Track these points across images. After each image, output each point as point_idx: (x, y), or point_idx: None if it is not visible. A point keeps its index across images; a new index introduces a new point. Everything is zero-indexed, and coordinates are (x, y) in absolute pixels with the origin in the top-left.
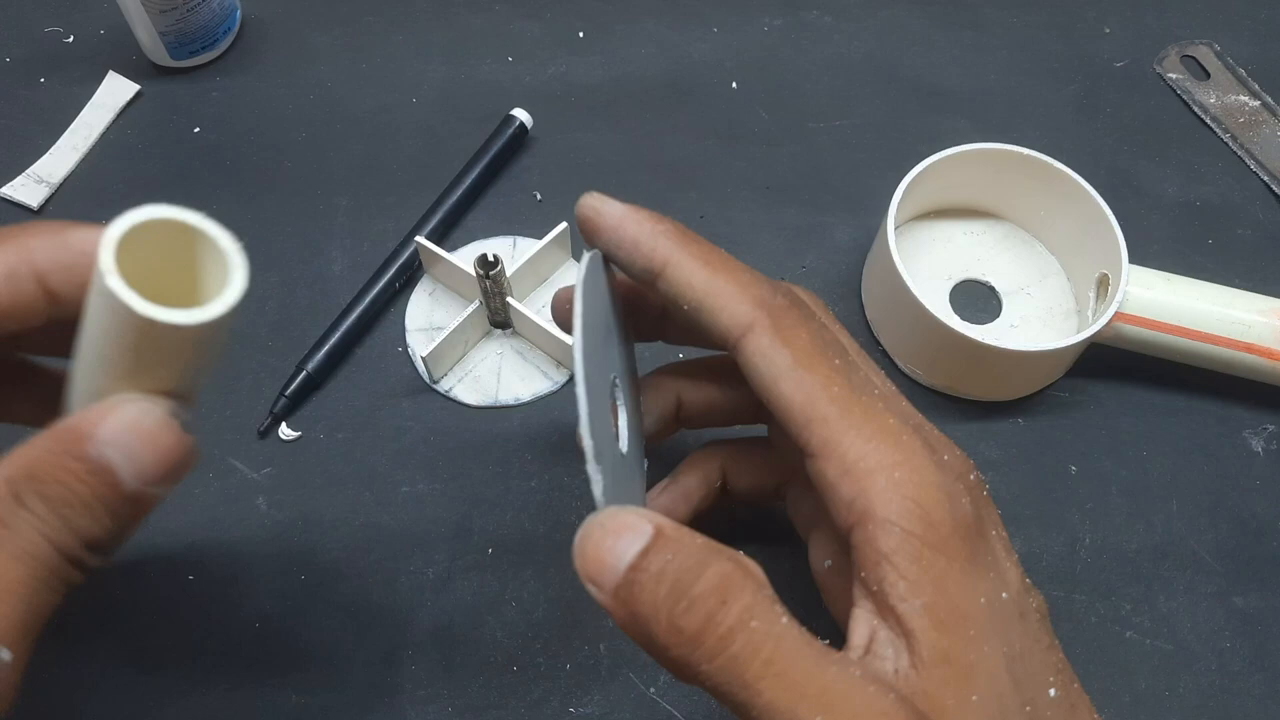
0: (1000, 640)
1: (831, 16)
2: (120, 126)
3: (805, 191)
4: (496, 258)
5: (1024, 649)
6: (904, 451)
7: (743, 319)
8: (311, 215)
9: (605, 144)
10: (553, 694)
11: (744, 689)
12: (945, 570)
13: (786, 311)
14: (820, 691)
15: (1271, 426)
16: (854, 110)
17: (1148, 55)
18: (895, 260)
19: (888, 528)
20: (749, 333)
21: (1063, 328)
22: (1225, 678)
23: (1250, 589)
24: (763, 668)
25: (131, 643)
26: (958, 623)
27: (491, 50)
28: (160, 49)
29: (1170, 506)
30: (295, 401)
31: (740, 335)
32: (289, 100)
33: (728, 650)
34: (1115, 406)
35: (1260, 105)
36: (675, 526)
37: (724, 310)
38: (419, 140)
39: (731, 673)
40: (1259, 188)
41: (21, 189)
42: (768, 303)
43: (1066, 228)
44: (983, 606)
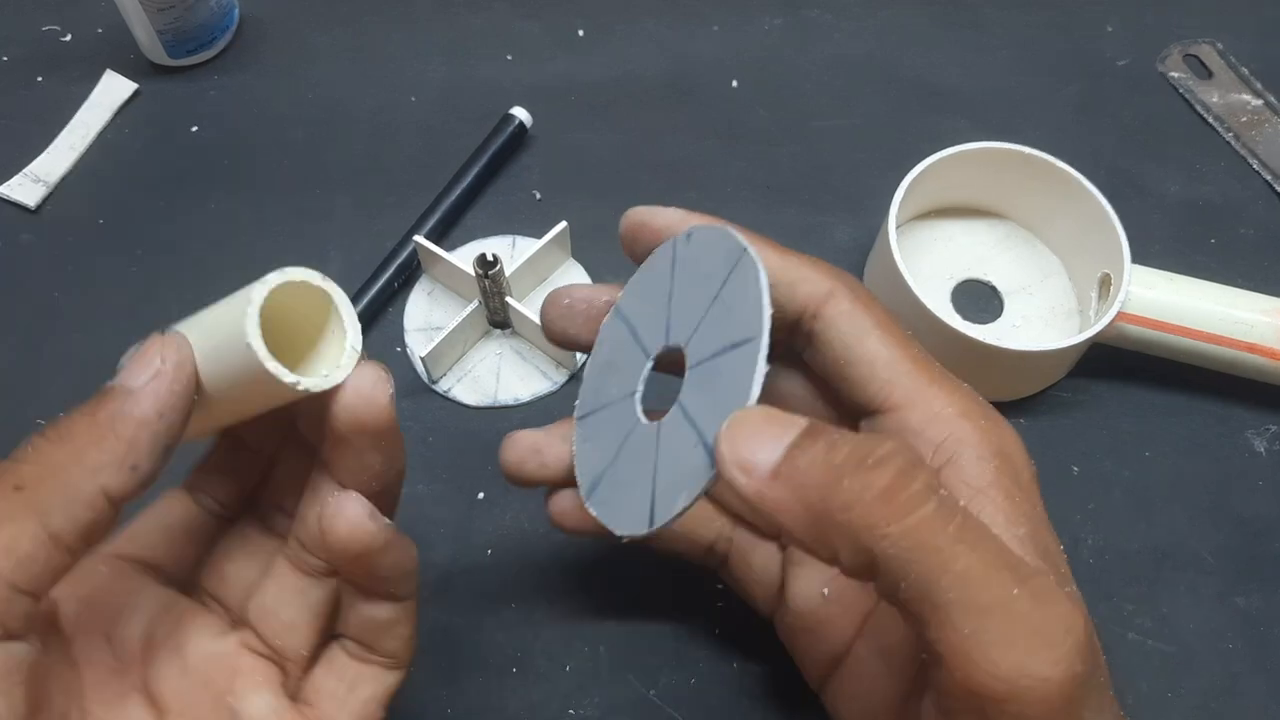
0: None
1: (832, 15)
2: (118, 125)
3: (806, 191)
4: (495, 257)
5: None
6: (981, 407)
7: (823, 286)
8: (310, 215)
9: (605, 143)
10: (553, 695)
11: (936, 553)
12: (1034, 509)
13: (859, 285)
14: (1012, 563)
15: (1274, 427)
16: (855, 110)
17: (1150, 54)
18: (897, 260)
19: (982, 464)
20: (830, 299)
21: (1064, 328)
22: (1227, 679)
23: (1252, 590)
24: (958, 531)
25: None
26: (1053, 556)
27: (491, 49)
28: (158, 48)
29: (1172, 507)
30: None
31: (822, 301)
32: (287, 99)
33: (920, 510)
34: (1117, 407)
35: (1263, 104)
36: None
37: (806, 280)
38: (418, 140)
39: (922, 535)
40: (1261, 187)
41: (19, 188)
42: (841, 276)
43: (1068, 227)
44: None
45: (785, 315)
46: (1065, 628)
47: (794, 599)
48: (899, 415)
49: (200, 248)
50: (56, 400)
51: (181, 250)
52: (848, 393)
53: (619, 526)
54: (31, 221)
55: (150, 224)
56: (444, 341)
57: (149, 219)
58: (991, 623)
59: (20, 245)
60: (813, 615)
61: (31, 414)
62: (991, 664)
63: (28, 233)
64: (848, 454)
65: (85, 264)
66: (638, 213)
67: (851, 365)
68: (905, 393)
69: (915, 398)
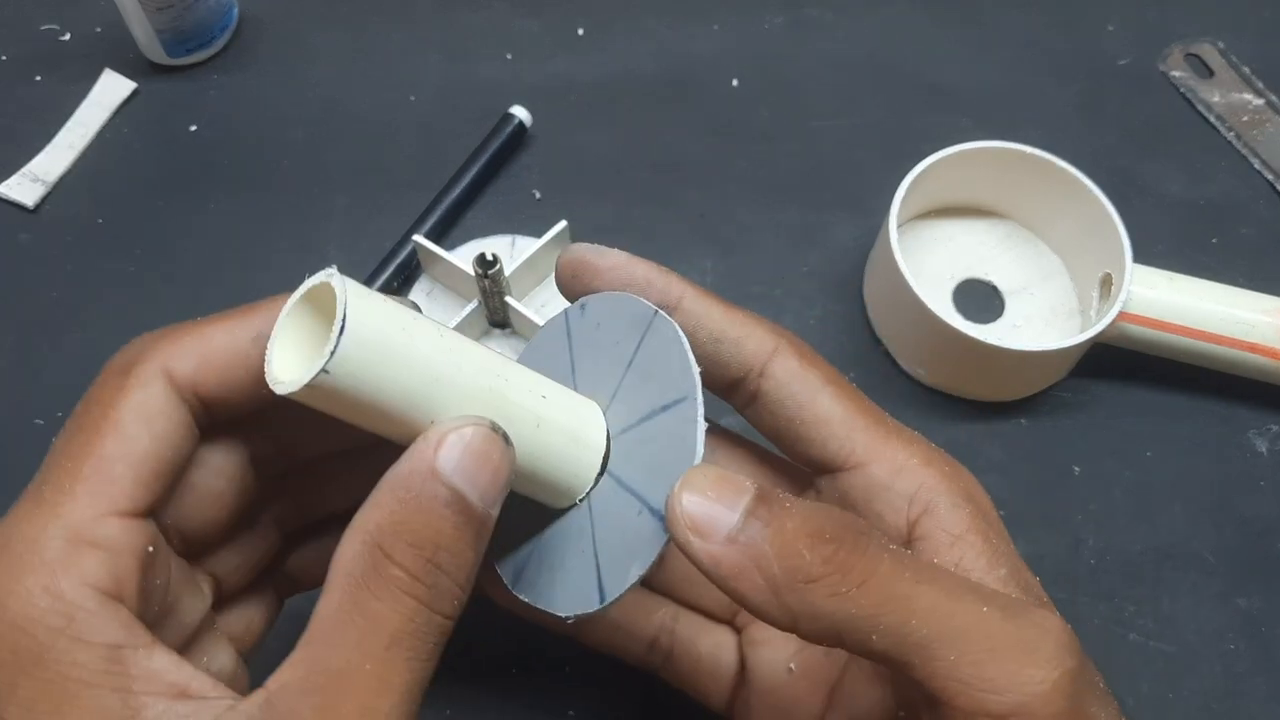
0: None
1: (833, 14)
2: (116, 125)
3: (806, 190)
4: (495, 257)
5: None
6: (940, 454)
7: (769, 343)
8: (309, 214)
9: (605, 142)
10: (553, 695)
11: (899, 600)
12: (1008, 547)
13: (799, 341)
14: (973, 588)
15: (1276, 427)
16: (855, 108)
17: (1151, 53)
18: (897, 259)
19: (957, 510)
20: (777, 355)
21: (1066, 328)
22: (1229, 680)
23: (1254, 590)
24: (915, 574)
25: None
26: (1034, 595)
27: (491, 48)
28: (157, 47)
29: (1174, 507)
30: None
31: (768, 359)
32: (286, 98)
33: (880, 569)
34: (1119, 407)
35: (1264, 103)
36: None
37: (749, 337)
38: (417, 139)
39: (886, 589)
40: (1263, 186)
41: (17, 188)
42: (783, 333)
43: (1069, 227)
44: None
45: (729, 373)
46: (1044, 630)
47: (758, 680)
48: (864, 471)
49: (199, 247)
50: (56, 400)
51: (180, 250)
52: (803, 451)
53: (562, 608)
54: (30, 221)
55: (149, 223)
56: None
57: (148, 218)
58: (973, 643)
59: (19, 245)
60: (779, 694)
61: (31, 414)
62: (988, 682)
63: (26, 232)
64: (802, 524)
65: (84, 263)
66: (580, 250)
67: (806, 425)
68: (866, 449)
69: (877, 453)
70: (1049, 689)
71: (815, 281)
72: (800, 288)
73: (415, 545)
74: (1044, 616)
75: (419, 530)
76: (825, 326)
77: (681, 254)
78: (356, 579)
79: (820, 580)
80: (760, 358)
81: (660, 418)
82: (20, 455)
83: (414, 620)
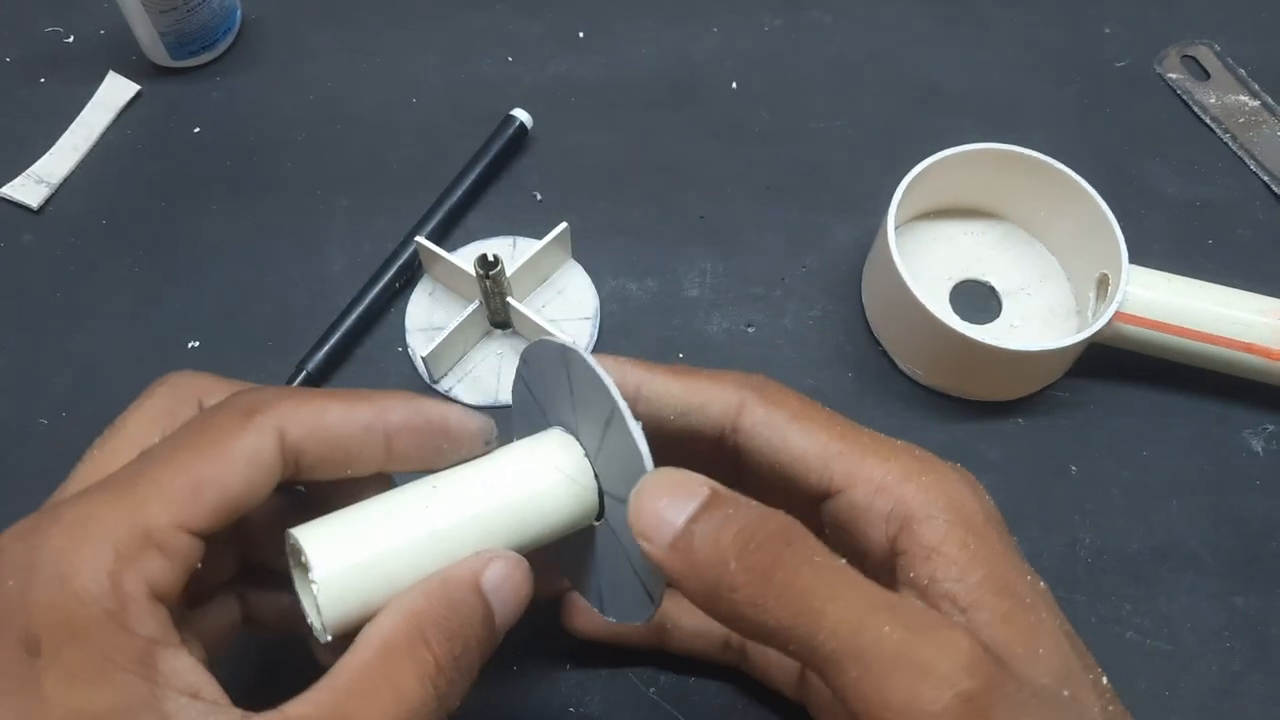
0: (1053, 613)
1: (832, 16)
2: (120, 126)
3: (806, 191)
4: (496, 258)
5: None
6: (921, 462)
7: (732, 400)
8: (311, 215)
9: (605, 144)
10: (553, 695)
11: (811, 614)
12: (991, 550)
13: (767, 384)
14: (888, 605)
15: (1271, 426)
16: (855, 110)
17: (1148, 55)
18: (895, 260)
19: (930, 523)
20: (742, 410)
21: (1063, 328)
22: (1226, 679)
23: (1250, 589)
24: (829, 590)
25: None
26: (1014, 591)
27: (491, 50)
28: (160, 49)
29: (1170, 507)
30: None
31: (736, 415)
32: (289, 100)
33: (796, 582)
34: (1115, 407)
35: (1260, 105)
36: (725, 488)
37: (713, 401)
38: (418, 140)
39: (799, 603)
40: (1259, 188)
41: (21, 189)
42: (748, 383)
43: (1067, 228)
44: (1030, 583)
45: (707, 436)
46: (944, 652)
47: (812, 677)
48: (845, 496)
49: (202, 248)
50: (57, 400)
51: (183, 251)
52: (793, 487)
53: (633, 618)
54: (34, 222)
55: (152, 225)
56: (445, 342)
57: (151, 220)
58: (872, 663)
59: (22, 246)
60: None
61: (31, 414)
62: (885, 701)
63: (30, 233)
64: (735, 534)
65: (87, 264)
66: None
67: (784, 465)
68: (843, 475)
69: (853, 476)
70: (940, 710)
71: (814, 282)
72: (799, 288)
73: (449, 639)
74: (950, 637)
75: (455, 629)
76: (824, 327)
77: (681, 254)
78: (393, 649)
79: (741, 589)
80: (728, 416)
81: (609, 435)
82: (22, 455)
83: (428, 704)
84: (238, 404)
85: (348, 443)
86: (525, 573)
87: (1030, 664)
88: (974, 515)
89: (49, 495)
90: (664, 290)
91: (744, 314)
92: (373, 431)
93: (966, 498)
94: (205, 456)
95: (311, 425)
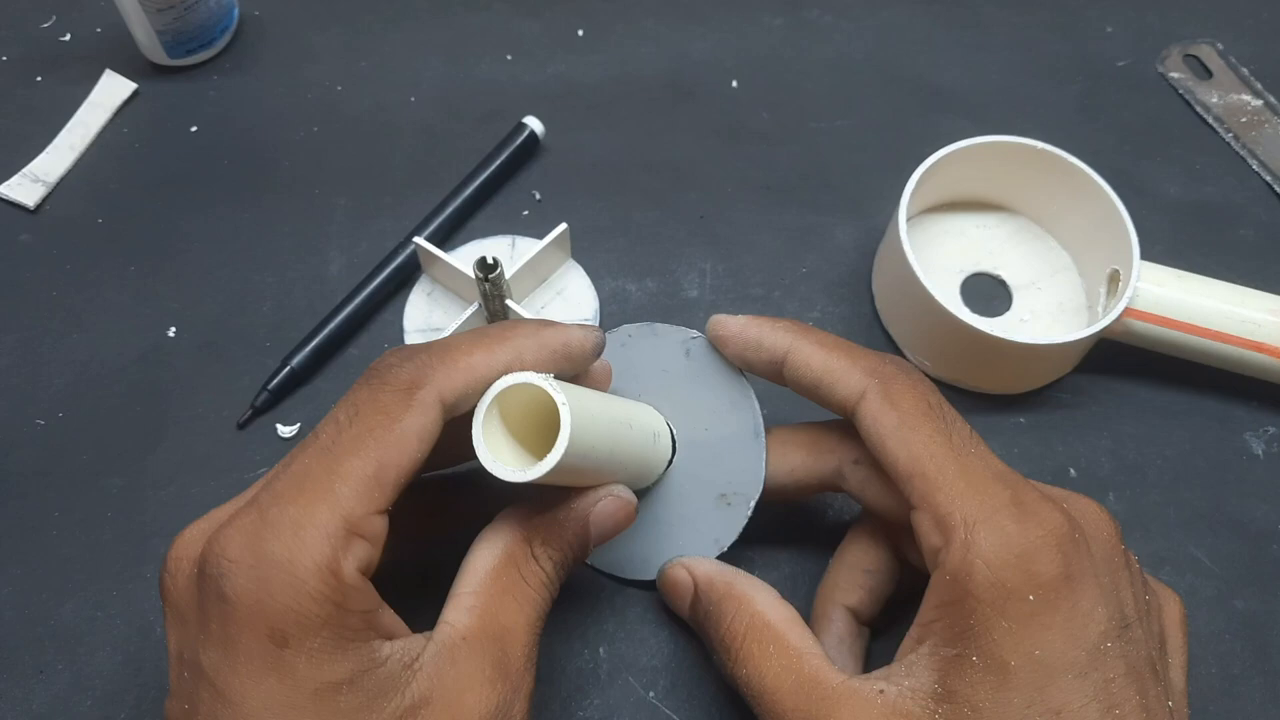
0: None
1: (832, 16)
2: (117, 125)
3: (806, 191)
4: (495, 260)
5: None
6: (987, 509)
7: (856, 387)
8: (309, 215)
9: (605, 144)
10: (552, 698)
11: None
12: (987, 627)
13: (895, 377)
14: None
15: (1272, 429)
16: (855, 110)
17: (1150, 55)
18: (906, 252)
19: (951, 585)
20: (863, 399)
21: (1073, 323)
22: (1225, 681)
23: (1250, 592)
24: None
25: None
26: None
27: (490, 50)
28: (157, 48)
29: (1170, 510)
30: (278, 396)
31: (856, 402)
32: (287, 99)
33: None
34: (1116, 409)
35: (1263, 105)
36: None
37: (839, 383)
38: (417, 140)
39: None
40: (1261, 188)
41: (18, 188)
42: (878, 371)
43: (1079, 223)
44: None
45: (833, 409)
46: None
47: None
48: (916, 516)
49: (199, 248)
50: (56, 399)
51: (181, 250)
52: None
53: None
54: (30, 221)
55: (149, 224)
56: None
57: (148, 219)
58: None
59: (19, 245)
60: None
61: (31, 414)
62: None
63: (27, 233)
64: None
65: (84, 264)
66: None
67: (882, 463)
68: (919, 496)
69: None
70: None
71: (814, 283)
72: (799, 289)
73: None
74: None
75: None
76: (824, 328)
77: (681, 255)
78: (514, 555)
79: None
80: (850, 400)
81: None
82: (22, 455)
83: (542, 605)
84: (398, 381)
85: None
86: (625, 507)
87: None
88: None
89: (49, 495)
90: (663, 291)
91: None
92: (512, 369)
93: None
94: (382, 444)
95: (464, 383)
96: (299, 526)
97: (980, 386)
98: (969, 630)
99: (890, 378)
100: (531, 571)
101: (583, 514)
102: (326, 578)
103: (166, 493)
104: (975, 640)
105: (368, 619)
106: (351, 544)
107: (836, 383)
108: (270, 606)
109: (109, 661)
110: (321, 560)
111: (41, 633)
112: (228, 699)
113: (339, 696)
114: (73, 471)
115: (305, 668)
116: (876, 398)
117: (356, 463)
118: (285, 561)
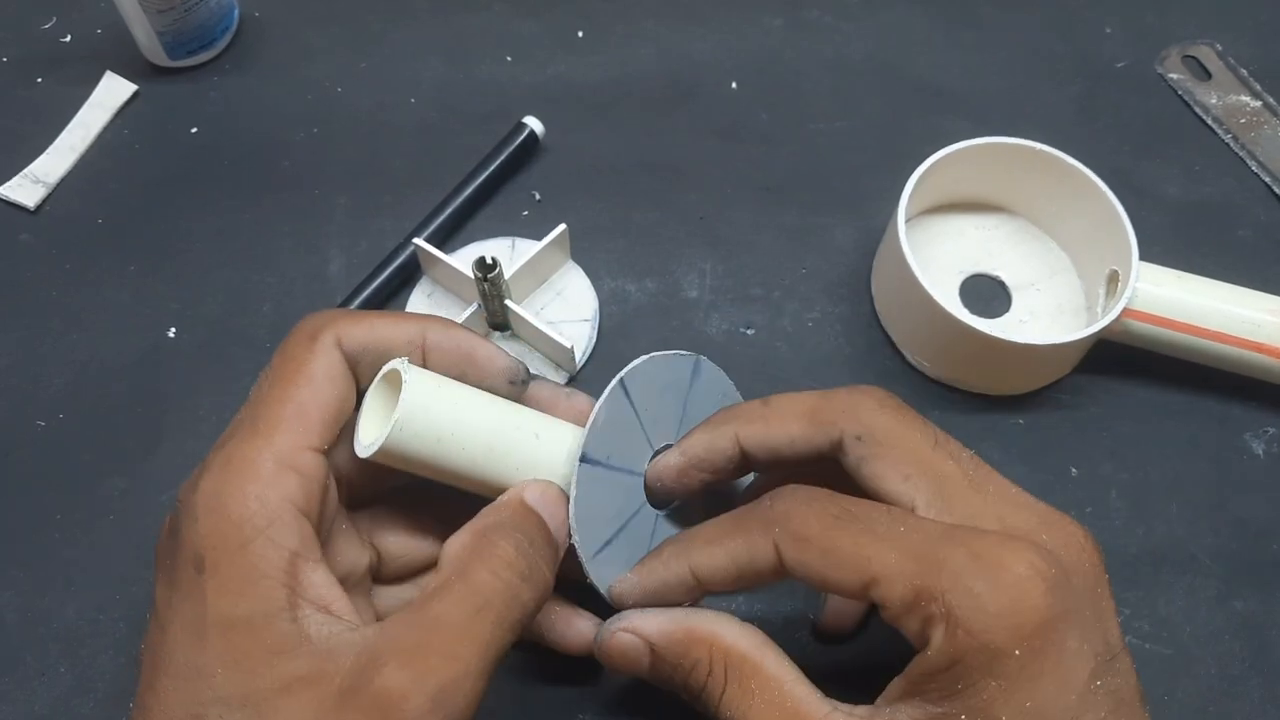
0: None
1: (832, 17)
2: (117, 126)
3: (805, 192)
4: (495, 261)
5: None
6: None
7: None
8: (309, 215)
9: (605, 144)
10: (553, 697)
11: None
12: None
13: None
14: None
15: (1272, 429)
16: (854, 111)
17: (1149, 55)
18: (905, 252)
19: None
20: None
21: (1072, 324)
22: (1225, 681)
23: (1250, 592)
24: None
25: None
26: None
27: (490, 50)
28: (158, 49)
29: (1170, 509)
30: None
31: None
32: (287, 100)
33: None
34: (1117, 408)
35: (1262, 105)
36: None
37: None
38: (417, 140)
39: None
40: (1260, 188)
41: (18, 189)
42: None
43: (1078, 224)
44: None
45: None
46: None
47: None
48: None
49: (200, 248)
50: (56, 400)
51: (181, 251)
52: None
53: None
54: (31, 222)
55: (149, 225)
56: None
57: (148, 220)
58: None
59: (20, 245)
60: None
61: (33, 415)
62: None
63: (27, 233)
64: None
65: (84, 264)
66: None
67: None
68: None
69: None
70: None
71: (813, 283)
72: (799, 289)
73: (513, 535)
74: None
75: (517, 527)
76: (823, 328)
77: (680, 256)
78: (463, 558)
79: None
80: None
81: None
82: (21, 455)
83: (508, 590)
84: (301, 332)
85: (394, 352)
86: (558, 492)
87: None
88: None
89: (48, 495)
90: (663, 291)
91: (743, 315)
92: (413, 345)
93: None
94: (294, 384)
95: (364, 337)
96: (225, 462)
97: (980, 387)
98: (958, 693)
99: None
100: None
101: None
102: (246, 504)
103: (168, 495)
104: (965, 700)
105: (294, 563)
106: (281, 476)
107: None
108: (194, 534)
109: (111, 663)
110: (243, 489)
111: (44, 634)
112: (161, 625)
113: (233, 633)
114: (73, 472)
115: (212, 595)
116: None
117: (274, 405)
118: (212, 494)
